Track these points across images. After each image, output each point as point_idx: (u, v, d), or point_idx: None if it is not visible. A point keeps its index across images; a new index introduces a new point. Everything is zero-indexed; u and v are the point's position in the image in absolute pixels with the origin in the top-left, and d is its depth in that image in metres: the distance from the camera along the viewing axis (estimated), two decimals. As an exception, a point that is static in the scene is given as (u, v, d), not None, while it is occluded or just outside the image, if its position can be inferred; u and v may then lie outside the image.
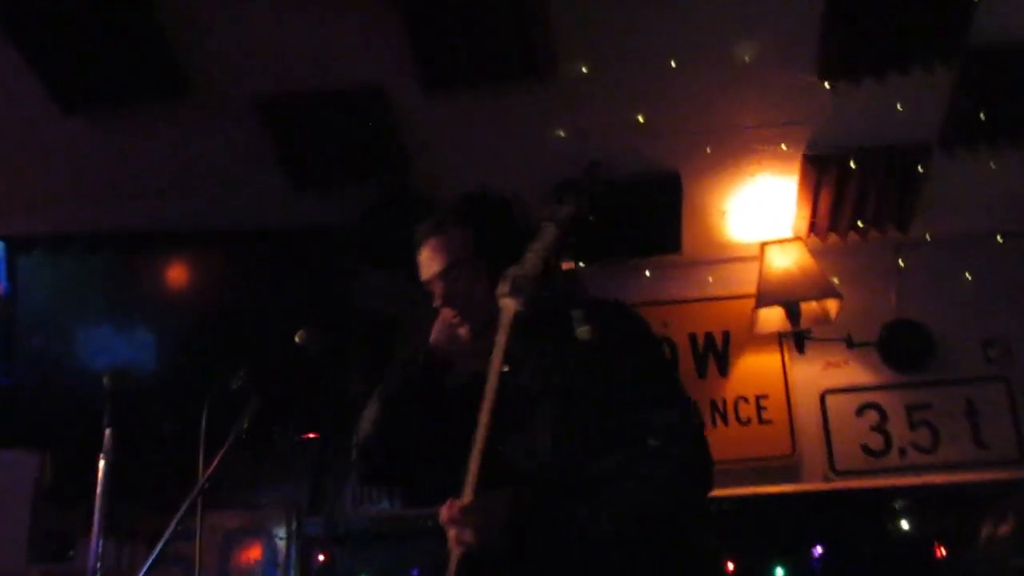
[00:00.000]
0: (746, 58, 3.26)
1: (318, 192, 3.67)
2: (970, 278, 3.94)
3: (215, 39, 3.20)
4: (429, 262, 2.05)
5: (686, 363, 4.08)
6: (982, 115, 3.43)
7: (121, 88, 3.31)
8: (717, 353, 4.09)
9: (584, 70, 3.29)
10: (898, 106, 3.42)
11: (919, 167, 3.65)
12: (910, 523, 3.71)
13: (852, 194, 3.76)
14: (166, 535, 2.26)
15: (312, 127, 3.45)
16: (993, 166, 3.65)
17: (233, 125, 3.43)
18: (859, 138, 3.59)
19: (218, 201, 3.76)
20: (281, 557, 4.02)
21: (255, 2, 3.05)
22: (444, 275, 2.02)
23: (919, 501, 3.72)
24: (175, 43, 3.18)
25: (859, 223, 3.89)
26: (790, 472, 3.91)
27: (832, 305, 3.83)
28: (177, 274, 3.95)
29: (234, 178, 3.68)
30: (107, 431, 2.94)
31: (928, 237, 3.95)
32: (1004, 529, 3.30)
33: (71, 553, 4.11)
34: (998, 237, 3.93)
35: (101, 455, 2.90)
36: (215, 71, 3.29)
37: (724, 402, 4.02)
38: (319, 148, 3.51)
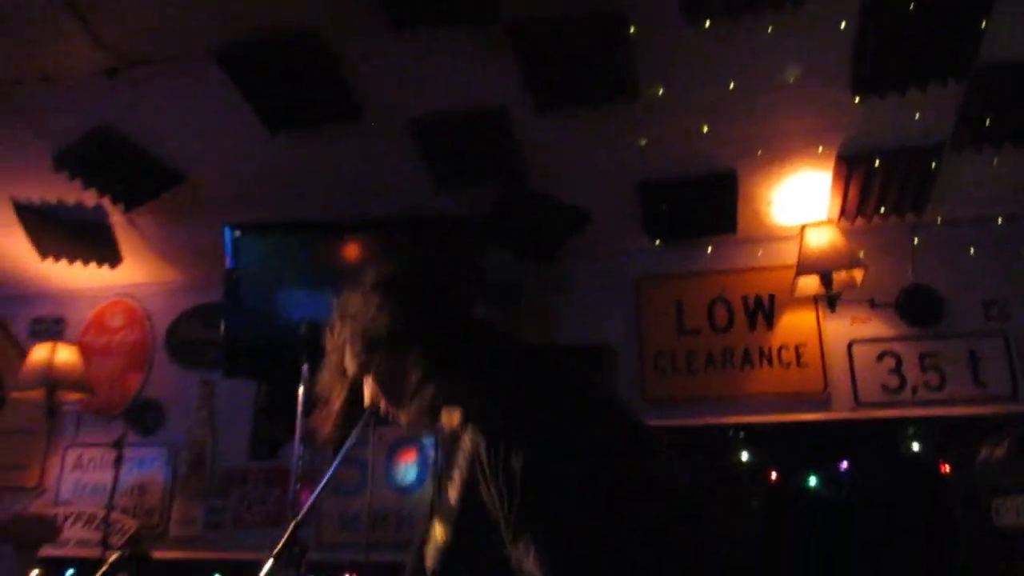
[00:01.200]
0: (791, 79, 3.14)
1: (457, 190, 3.69)
2: (973, 252, 3.76)
3: (377, 77, 3.22)
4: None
5: (740, 318, 4.00)
6: (987, 121, 3.25)
7: (311, 114, 3.37)
8: (764, 311, 3.98)
9: (662, 92, 3.21)
10: (916, 115, 3.26)
11: (933, 164, 3.47)
12: (920, 446, 3.59)
13: (876, 186, 3.60)
14: (348, 443, 2.29)
15: (452, 140, 3.46)
16: (995, 163, 3.45)
17: (392, 141, 3.46)
18: (883, 141, 3.43)
19: (381, 197, 3.81)
20: (430, 459, 4.10)
21: (408, 50, 3.05)
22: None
23: (928, 429, 3.60)
24: (349, 80, 3.22)
25: (882, 209, 3.73)
26: (822, 404, 3.79)
27: (858, 274, 3.70)
28: (352, 251, 4.02)
29: (393, 180, 3.73)
30: (304, 367, 3.04)
31: (939, 220, 3.78)
32: (999, 452, 3.17)
33: (279, 454, 4.27)
34: (998, 219, 3.74)
35: (300, 384, 3.00)
36: (378, 100, 3.32)
37: (770, 349, 3.92)
38: (458, 156, 3.52)
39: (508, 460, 1.31)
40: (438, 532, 1.55)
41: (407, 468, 4.15)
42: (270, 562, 1.96)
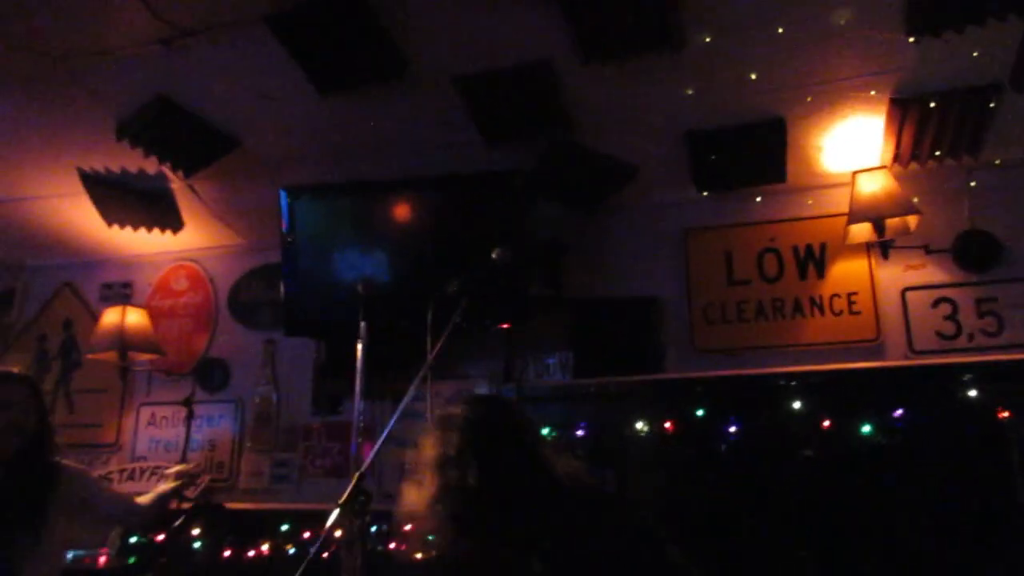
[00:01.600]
0: (841, 21, 3.05)
1: (504, 145, 3.69)
2: (1033, 194, 3.64)
3: (421, 32, 3.22)
4: None
5: (790, 267, 3.95)
6: (1049, 57, 3.12)
7: (359, 73, 3.39)
8: (815, 260, 3.92)
9: (708, 39, 3.15)
10: (973, 53, 3.13)
11: (991, 104, 3.35)
12: (977, 392, 3.52)
13: (931, 129, 3.49)
14: (406, 398, 2.36)
15: (498, 95, 3.46)
16: (1057, 100, 3.32)
17: (439, 97, 3.47)
18: (939, 82, 3.32)
19: (430, 154, 3.84)
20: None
21: (454, 6, 3.04)
22: None
23: (985, 375, 3.51)
24: (395, 38, 3.22)
25: (937, 152, 3.61)
26: (876, 352, 3.75)
27: (912, 220, 3.61)
28: (402, 210, 4.05)
29: (441, 137, 3.74)
30: (361, 324, 3.10)
31: (997, 161, 3.64)
32: (1059, 396, 3.10)
33: (340, 409, 4.39)
34: (1060, 159, 3.59)
35: (358, 341, 3.06)
36: (425, 58, 3.32)
37: (821, 298, 3.87)
38: (504, 111, 3.52)
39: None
40: None
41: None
42: (336, 511, 2.05)
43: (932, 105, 3.38)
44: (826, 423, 3.58)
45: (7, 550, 2.50)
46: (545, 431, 3.87)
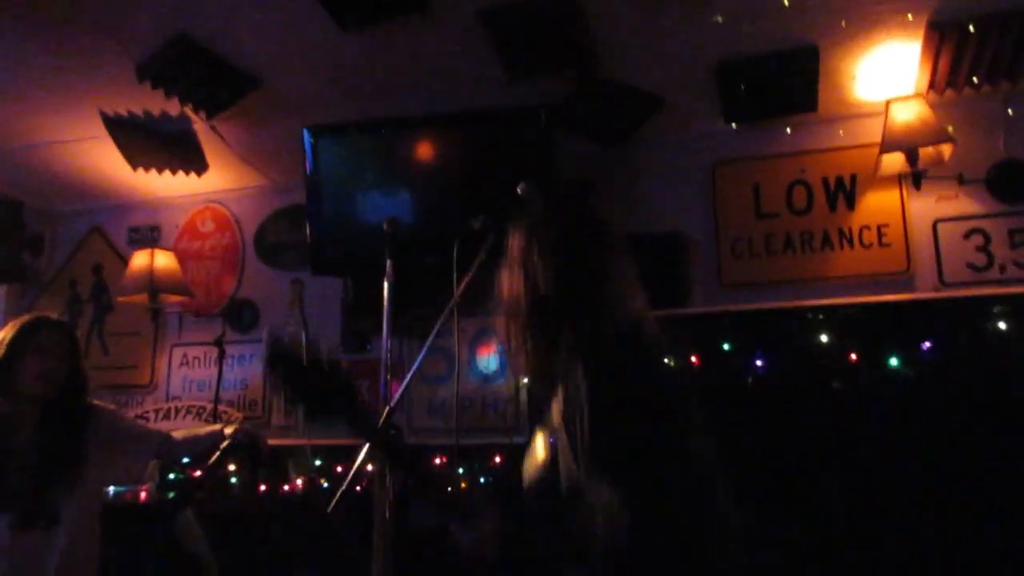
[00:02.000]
0: (879, -58, 2.93)
1: (528, 80, 3.62)
2: (1073, 121, 3.53)
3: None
4: None
5: (820, 199, 3.90)
6: (1096, -24, 2.98)
7: (381, 8, 3.30)
8: (846, 192, 3.86)
9: (738, -36, 3.04)
10: (1016, -27, 3.01)
11: (1032, 26, 3.22)
12: (1007, 324, 3.48)
13: (969, 55, 3.37)
14: (432, 335, 2.36)
15: (521, 28, 3.36)
16: (1102, 21, 3.19)
17: (462, 32, 3.39)
18: (978, 5, 3.18)
19: (453, 92, 3.78)
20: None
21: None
22: None
23: (1016, 307, 3.47)
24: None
25: (974, 79, 3.50)
26: (905, 284, 3.71)
27: (946, 149, 3.54)
28: (426, 148, 4.01)
29: (464, 73, 3.67)
30: (388, 262, 3.09)
31: (1036, 87, 3.54)
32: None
33: (369, 348, 4.44)
34: (1102, 84, 3.47)
35: (385, 280, 3.06)
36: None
37: (850, 230, 3.82)
38: (528, 45, 3.43)
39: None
40: (539, 449, 1.77)
41: (489, 359, 4.26)
42: (367, 446, 2.08)
43: (971, 29, 3.26)
44: (853, 356, 3.57)
45: (47, 491, 2.58)
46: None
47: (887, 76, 3.57)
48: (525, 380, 1.71)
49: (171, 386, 4.82)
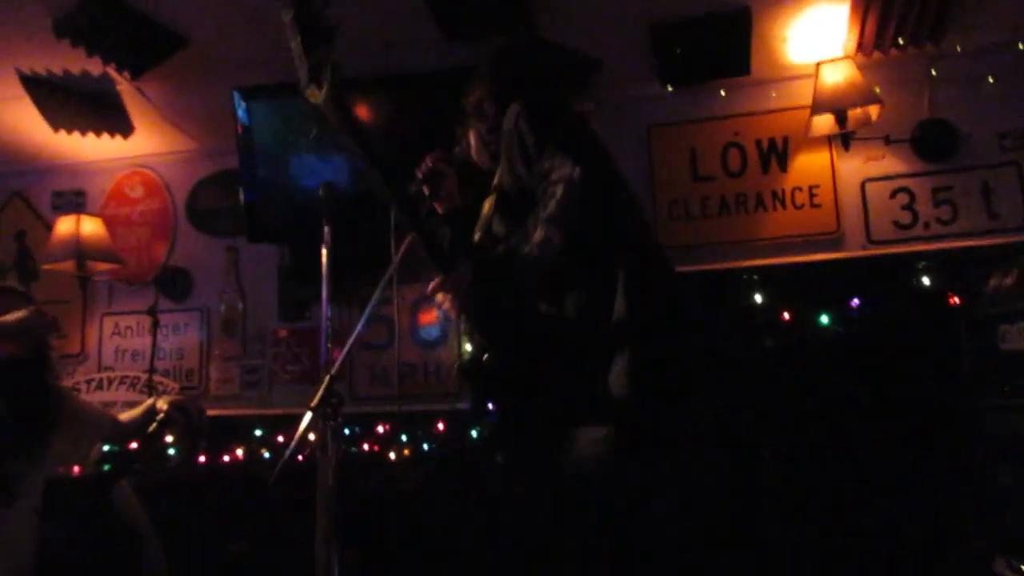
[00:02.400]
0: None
1: (464, 41, 3.57)
2: (992, 81, 3.66)
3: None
4: None
5: (753, 162, 3.97)
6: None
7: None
8: (778, 154, 3.94)
9: (673, -76, 3.05)
10: (939, -64, 3.09)
11: (954, -11, 3.32)
12: (930, 279, 3.62)
13: (895, 16, 3.45)
14: (372, 301, 2.35)
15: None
16: (1019, -15, 3.31)
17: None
18: (904, -33, 3.27)
19: (391, 53, 3.71)
20: (451, 316, 4.19)
21: None
22: None
23: (939, 263, 3.62)
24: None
25: (900, 40, 3.59)
26: (835, 244, 3.83)
27: (874, 110, 3.63)
28: (362, 110, 3.94)
29: (399, 34, 3.61)
30: (325, 228, 3.04)
31: (959, 48, 3.66)
32: (1008, 280, 3.20)
33: (308, 315, 4.39)
34: (1019, 44, 3.60)
35: (322, 245, 3.02)
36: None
37: (783, 191, 3.91)
38: (464, 5, 3.39)
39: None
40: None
41: (430, 325, 4.26)
42: (309, 415, 2.06)
43: (897, -9, 3.34)
44: (786, 314, 3.67)
45: (11, 467, 2.56)
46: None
47: (817, 38, 3.64)
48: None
49: (103, 356, 4.69)
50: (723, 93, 3.99)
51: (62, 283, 4.56)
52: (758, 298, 3.74)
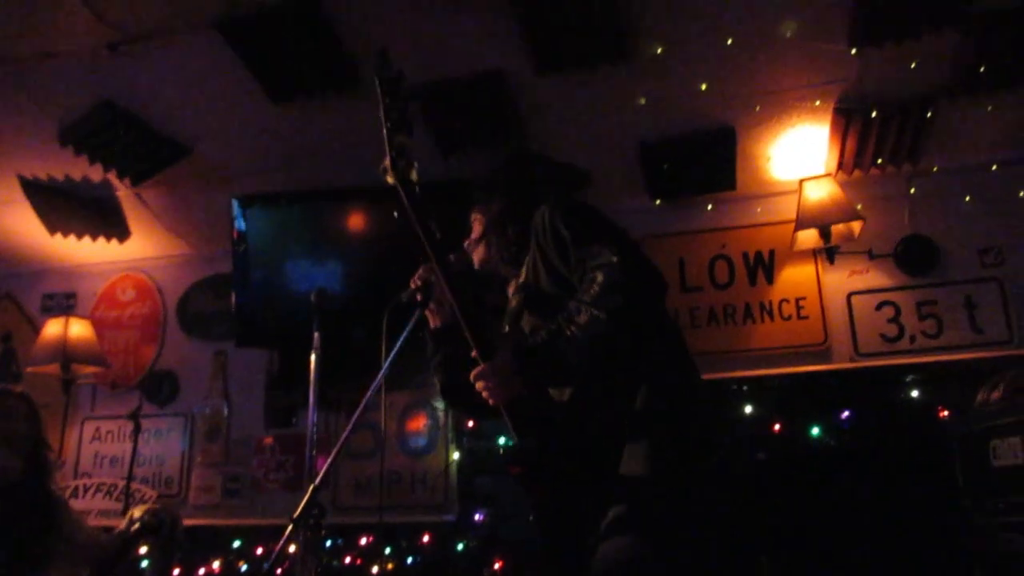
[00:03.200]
0: (788, 33, 3.15)
1: (459, 154, 3.70)
2: (969, 200, 3.79)
3: (377, 43, 3.20)
4: None
5: (741, 274, 4.04)
6: (982, 68, 3.26)
7: (312, 82, 3.37)
8: (765, 266, 4.02)
9: (659, 50, 3.22)
10: (912, 64, 3.27)
11: (929, 113, 3.49)
12: (919, 392, 3.63)
13: (873, 138, 3.62)
14: (360, 408, 2.32)
15: (454, 104, 3.47)
16: (989, 109, 3.49)
17: (394, 106, 3.45)
18: (879, 92, 3.45)
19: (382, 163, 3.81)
20: (440, 423, 4.16)
21: (408, 16, 3.05)
22: None
23: (926, 376, 3.63)
24: (348, 47, 3.22)
25: (879, 160, 3.75)
26: (823, 356, 3.85)
27: (856, 226, 3.74)
28: (356, 219, 4.04)
29: (396, 146, 3.72)
30: (315, 334, 3.06)
31: (935, 168, 3.80)
32: (996, 394, 3.21)
33: (294, 421, 4.33)
34: (993, 166, 3.75)
35: (312, 351, 3.02)
36: (378, 67, 3.32)
37: (771, 303, 3.96)
38: (460, 120, 3.53)
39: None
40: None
41: (417, 433, 4.20)
42: (290, 526, 2.01)
43: (873, 115, 3.51)
44: (777, 426, 3.66)
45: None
46: (502, 438, 3.88)
47: (800, 157, 3.79)
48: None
49: (81, 462, 4.58)
50: (710, 207, 4.10)
51: (45, 386, 4.50)
52: (748, 409, 3.73)
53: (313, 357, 3.08)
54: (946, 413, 3.50)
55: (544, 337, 1.72)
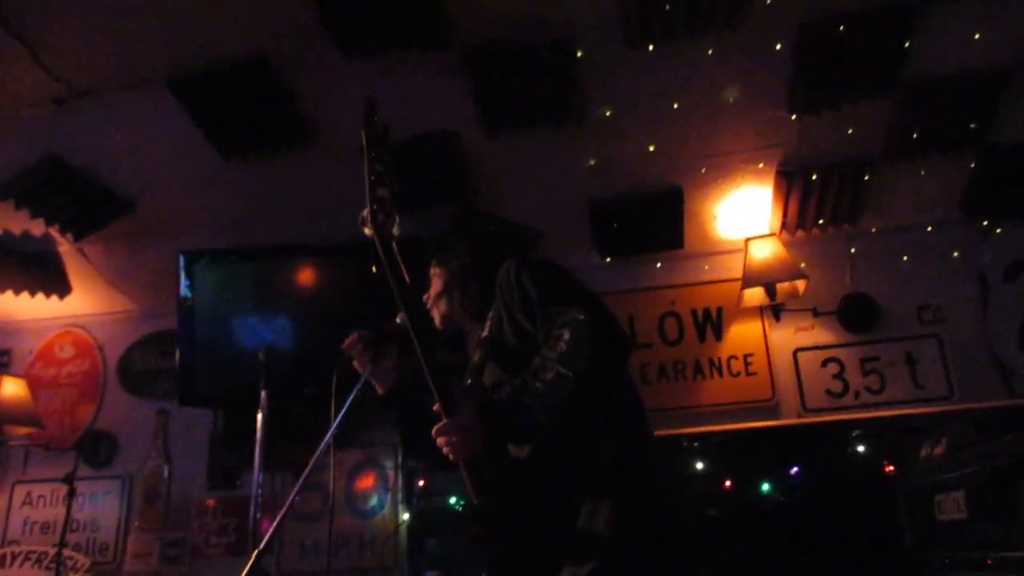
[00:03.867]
0: (731, 98, 3.27)
1: (412, 212, 3.70)
2: (906, 259, 3.92)
3: (332, 102, 3.24)
4: None
5: (690, 331, 4.09)
6: (914, 134, 3.42)
7: (263, 139, 3.37)
8: (713, 323, 4.08)
9: (608, 113, 3.31)
10: (849, 130, 3.41)
11: (866, 176, 3.63)
12: (865, 447, 3.70)
13: (815, 199, 3.75)
14: (307, 469, 2.27)
15: (407, 163, 3.48)
16: (923, 173, 3.64)
17: (346, 165, 3.46)
18: (819, 156, 3.58)
19: (336, 220, 3.80)
20: (391, 483, 4.08)
21: (362, 74, 3.09)
22: None
23: (871, 431, 3.71)
24: (302, 106, 3.23)
25: (820, 221, 3.88)
26: (771, 411, 3.90)
27: (801, 284, 3.83)
28: (306, 275, 3.99)
29: (347, 203, 3.71)
30: (263, 393, 3.00)
31: (874, 229, 3.93)
32: (939, 450, 3.29)
33: (238, 483, 4.20)
34: (928, 227, 3.90)
35: (259, 410, 2.96)
36: (332, 125, 3.34)
37: (720, 360, 4.02)
38: (413, 178, 3.54)
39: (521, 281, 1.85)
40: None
41: (366, 493, 4.11)
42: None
43: (814, 177, 3.64)
44: (728, 482, 3.68)
45: None
46: (453, 499, 3.83)
47: (745, 217, 3.90)
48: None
49: (9, 529, 4.36)
50: (659, 265, 4.17)
51: (-26, 448, 4.32)
52: (699, 465, 3.76)
53: (260, 416, 3.02)
54: (892, 468, 3.57)
55: (508, 392, 1.71)
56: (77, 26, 2.82)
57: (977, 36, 3.02)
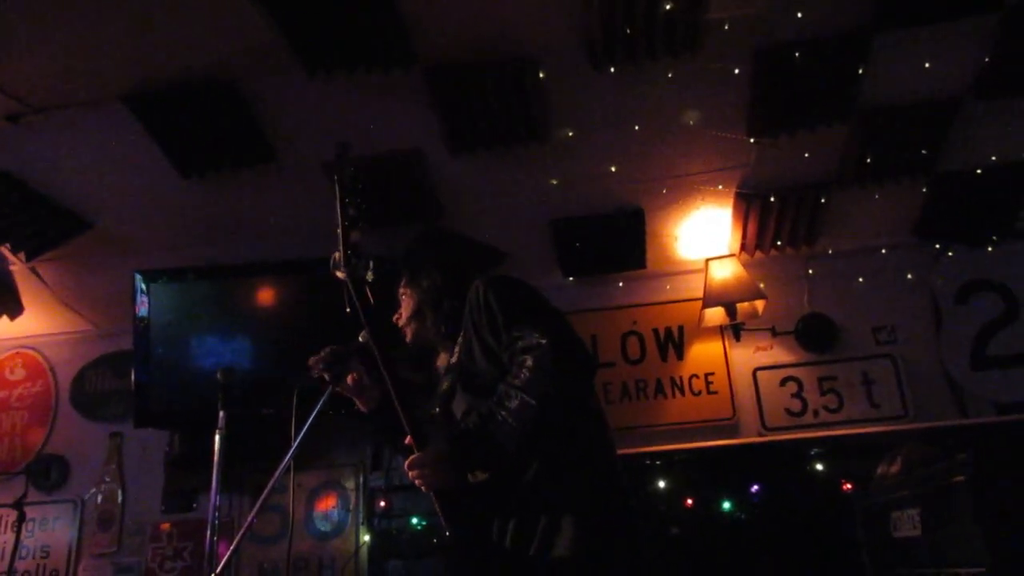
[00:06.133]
0: (691, 122, 3.32)
1: (375, 230, 3.70)
2: (862, 280, 4.00)
3: (292, 119, 3.23)
4: None
5: (652, 350, 4.13)
6: (868, 159, 3.50)
7: (224, 157, 3.34)
8: (675, 342, 4.12)
9: (571, 134, 3.34)
10: (805, 154, 3.48)
11: (822, 199, 3.71)
12: (823, 465, 3.74)
13: (773, 221, 3.82)
14: (266, 490, 2.25)
15: (370, 181, 3.47)
16: (877, 197, 3.72)
17: (307, 182, 3.45)
18: (777, 179, 3.65)
19: (297, 239, 3.78)
20: (351, 504, 4.04)
21: (324, 91, 3.08)
22: None
23: (829, 449, 3.75)
24: (262, 123, 3.21)
25: (778, 242, 3.95)
26: (731, 430, 3.94)
27: (760, 304, 3.88)
28: (265, 294, 3.95)
29: (308, 221, 3.70)
30: (220, 413, 2.95)
31: (830, 251, 4.01)
32: (894, 468, 3.33)
33: (194, 506, 4.13)
34: (882, 250, 3.99)
35: (216, 431, 2.91)
36: (292, 143, 3.32)
37: (681, 379, 4.05)
38: (376, 197, 3.54)
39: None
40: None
41: (326, 515, 4.06)
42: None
43: (771, 199, 3.71)
44: (690, 501, 3.69)
45: None
46: (415, 519, 3.80)
47: (705, 237, 3.95)
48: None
49: (-46, 557, 4.23)
50: (621, 284, 4.20)
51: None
52: (661, 484, 3.76)
53: (217, 437, 2.97)
54: (849, 486, 3.61)
55: (475, 421, 1.71)
56: (33, 42, 2.77)
57: (928, 65, 3.11)
